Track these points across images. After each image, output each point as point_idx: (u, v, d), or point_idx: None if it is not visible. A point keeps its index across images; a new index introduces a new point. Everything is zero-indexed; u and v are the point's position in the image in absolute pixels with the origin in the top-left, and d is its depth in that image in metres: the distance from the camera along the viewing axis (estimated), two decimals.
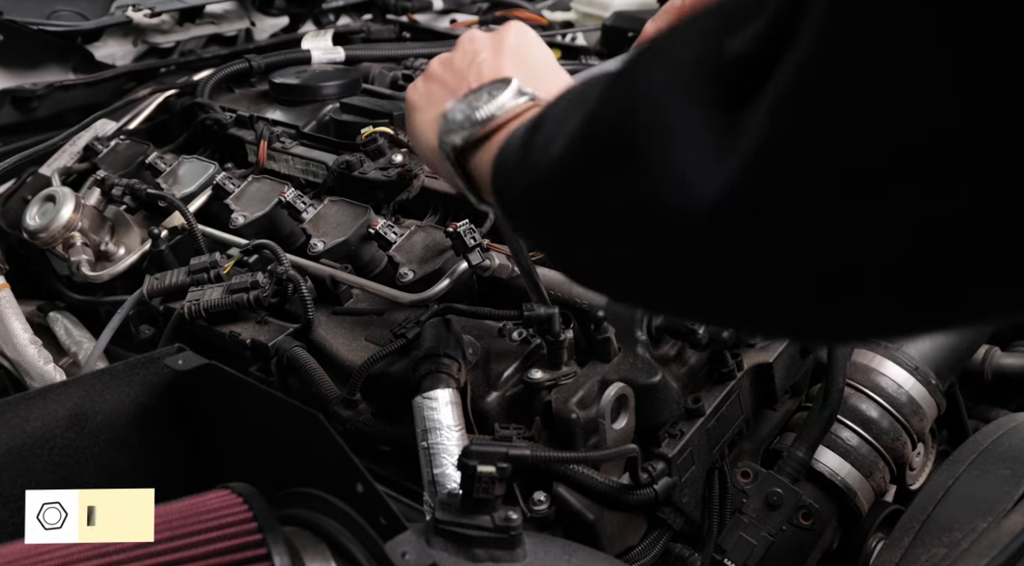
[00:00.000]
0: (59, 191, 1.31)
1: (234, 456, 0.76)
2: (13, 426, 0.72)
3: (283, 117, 1.46)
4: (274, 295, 1.08)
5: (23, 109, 1.63)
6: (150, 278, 1.15)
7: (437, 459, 0.87)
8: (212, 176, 1.33)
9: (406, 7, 2.06)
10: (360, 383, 0.97)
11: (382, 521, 0.60)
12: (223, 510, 0.61)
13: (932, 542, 0.90)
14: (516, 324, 0.97)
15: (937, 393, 1.12)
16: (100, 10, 1.78)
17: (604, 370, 0.93)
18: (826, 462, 1.05)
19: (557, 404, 0.90)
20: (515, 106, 0.70)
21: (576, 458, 0.86)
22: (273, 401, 0.70)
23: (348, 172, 1.27)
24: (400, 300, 1.06)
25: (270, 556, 0.57)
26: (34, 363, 1.23)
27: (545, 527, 0.87)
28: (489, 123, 0.70)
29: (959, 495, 0.95)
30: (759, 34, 0.43)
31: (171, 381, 0.78)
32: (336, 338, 1.05)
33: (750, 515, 1.00)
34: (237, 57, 1.67)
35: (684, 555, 0.94)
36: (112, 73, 1.72)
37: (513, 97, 0.71)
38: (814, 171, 0.40)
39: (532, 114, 0.66)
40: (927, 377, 1.11)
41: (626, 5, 2.05)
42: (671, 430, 0.93)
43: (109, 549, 0.57)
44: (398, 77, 1.59)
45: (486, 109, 0.70)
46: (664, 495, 0.89)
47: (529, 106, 0.70)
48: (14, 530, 0.71)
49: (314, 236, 1.15)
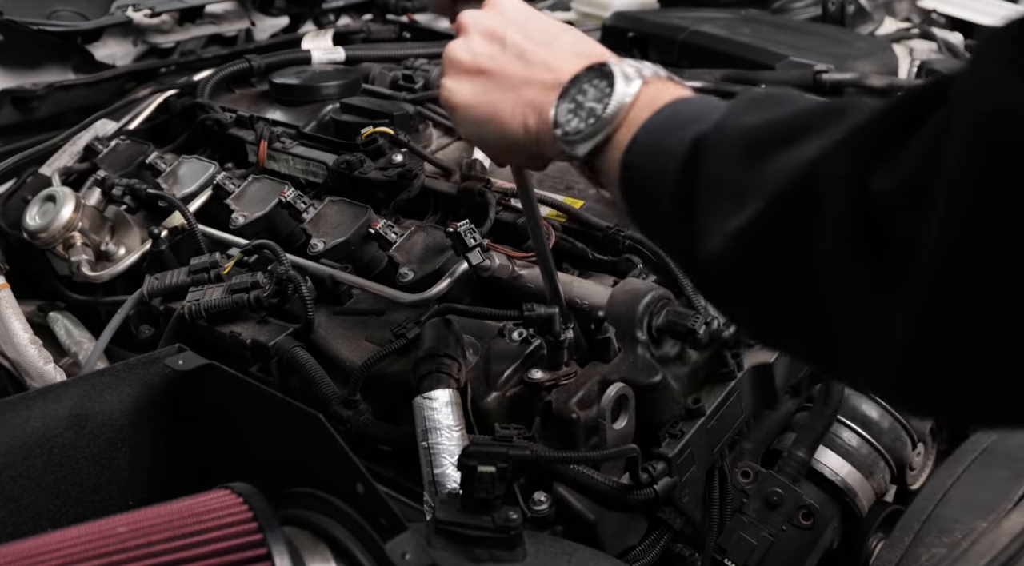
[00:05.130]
0: (59, 191, 1.31)
1: (234, 456, 0.76)
2: (13, 426, 0.72)
3: (283, 117, 1.46)
4: (274, 295, 1.08)
5: (23, 109, 1.63)
6: (150, 278, 1.15)
7: (437, 459, 0.87)
8: (212, 176, 1.33)
9: (406, 7, 2.06)
10: (360, 383, 0.97)
11: (382, 521, 0.60)
12: (223, 510, 0.60)
13: (932, 542, 0.90)
14: (516, 324, 0.97)
15: None
16: (100, 10, 1.78)
17: (604, 370, 0.93)
18: (826, 462, 1.05)
19: (557, 404, 0.90)
20: (629, 97, 0.67)
21: (576, 458, 0.85)
22: (273, 401, 0.70)
23: (348, 172, 1.27)
24: (400, 300, 1.06)
25: (270, 556, 0.57)
26: (34, 363, 1.23)
27: (545, 527, 0.87)
28: (615, 121, 0.67)
29: (959, 495, 0.95)
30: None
31: (171, 381, 0.78)
32: (336, 338, 1.05)
33: (750, 515, 1.00)
34: (237, 57, 1.68)
35: (684, 555, 0.94)
36: (112, 73, 1.72)
37: (625, 84, 0.67)
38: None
39: (647, 107, 0.65)
40: None
41: (626, 5, 2.05)
42: (671, 430, 0.93)
43: (109, 549, 0.57)
44: (398, 77, 1.59)
45: (611, 107, 0.67)
46: (664, 495, 0.89)
47: (639, 92, 0.67)
48: (14, 530, 0.71)
49: (314, 236, 1.15)
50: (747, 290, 0.57)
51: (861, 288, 0.46)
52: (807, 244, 0.49)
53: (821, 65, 1.57)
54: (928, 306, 0.43)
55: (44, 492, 0.73)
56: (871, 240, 0.46)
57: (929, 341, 0.43)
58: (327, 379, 1.00)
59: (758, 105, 0.60)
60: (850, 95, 1.57)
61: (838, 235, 0.47)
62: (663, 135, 0.64)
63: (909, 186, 0.44)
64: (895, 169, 0.45)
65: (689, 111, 0.65)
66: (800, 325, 0.54)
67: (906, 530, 0.93)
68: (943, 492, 0.95)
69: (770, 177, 0.53)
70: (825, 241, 0.48)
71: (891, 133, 0.47)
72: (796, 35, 1.78)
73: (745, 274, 0.55)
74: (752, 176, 0.55)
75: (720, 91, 1.53)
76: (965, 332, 0.42)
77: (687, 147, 0.60)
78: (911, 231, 0.43)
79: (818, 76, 1.55)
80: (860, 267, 0.46)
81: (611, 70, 0.69)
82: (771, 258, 0.53)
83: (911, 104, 0.47)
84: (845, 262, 0.47)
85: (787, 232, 0.51)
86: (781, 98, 0.60)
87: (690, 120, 0.63)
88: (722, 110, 0.62)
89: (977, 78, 0.42)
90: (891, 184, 0.45)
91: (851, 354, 0.50)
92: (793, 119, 0.56)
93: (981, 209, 0.39)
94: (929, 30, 2.02)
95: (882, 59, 1.72)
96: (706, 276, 0.62)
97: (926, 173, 0.43)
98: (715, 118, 0.61)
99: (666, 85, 0.69)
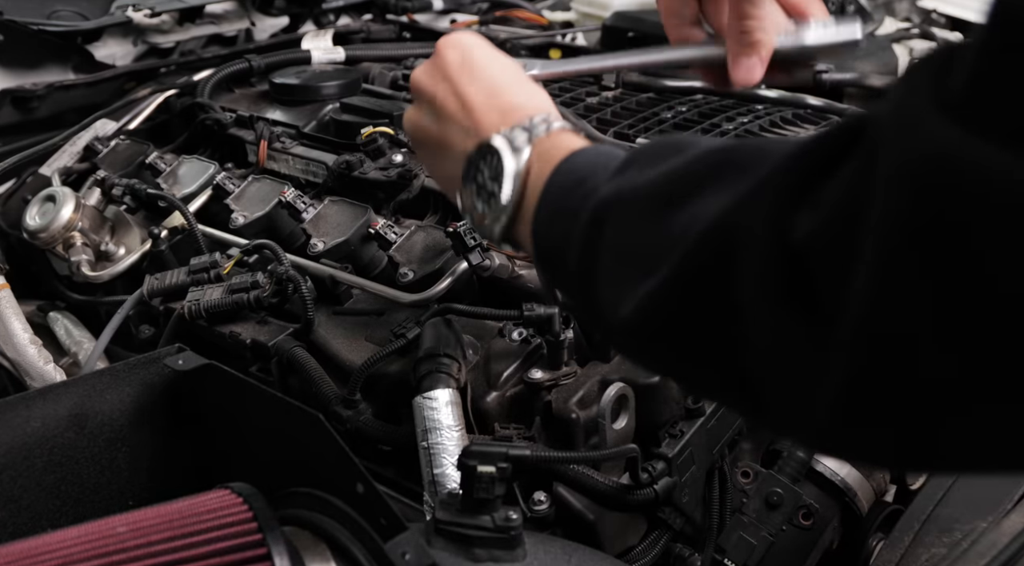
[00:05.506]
0: (59, 191, 1.31)
1: (234, 456, 0.76)
2: (13, 426, 0.72)
3: (283, 117, 1.46)
4: (274, 295, 1.08)
5: (23, 109, 1.63)
6: (150, 278, 1.15)
7: (437, 459, 0.87)
8: (212, 176, 1.33)
9: (406, 7, 2.06)
10: (360, 383, 0.97)
11: (382, 521, 0.60)
12: (223, 510, 0.60)
13: (932, 542, 0.90)
14: (516, 324, 0.97)
15: None
16: (100, 10, 1.78)
17: (604, 370, 0.93)
18: (826, 462, 1.05)
19: (557, 404, 0.90)
20: (521, 169, 0.67)
21: (576, 458, 0.85)
22: (273, 401, 0.70)
23: (348, 172, 1.27)
24: (400, 300, 1.06)
25: (270, 556, 0.57)
26: (34, 363, 1.23)
27: (545, 527, 0.87)
28: (514, 195, 0.67)
29: (959, 495, 0.95)
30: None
31: (171, 381, 0.78)
32: (336, 338, 1.05)
33: (750, 515, 1.00)
34: (237, 57, 1.67)
35: (684, 555, 0.94)
36: (112, 73, 1.72)
37: (513, 158, 0.67)
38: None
39: (543, 170, 0.65)
40: None
41: (626, 5, 2.05)
42: (671, 430, 0.93)
43: (109, 549, 0.57)
44: (398, 77, 1.59)
45: (506, 184, 0.67)
46: (664, 495, 0.89)
47: (529, 160, 0.67)
48: (14, 530, 0.71)
49: (314, 236, 1.15)
50: (667, 350, 0.55)
51: (788, 337, 0.44)
52: (727, 296, 0.47)
53: (821, 65, 1.57)
54: (860, 353, 0.40)
55: (44, 492, 0.73)
56: (795, 287, 0.43)
57: (863, 388, 0.41)
58: (327, 379, 1.00)
59: (654, 156, 0.59)
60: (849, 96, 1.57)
61: (759, 283, 0.45)
62: (561, 198, 0.63)
63: (832, 229, 0.42)
64: (815, 212, 0.43)
65: (584, 166, 0.64)
66: (726, 378, 0.51)
67: (906, 530, 0.93)
68: (943, 492, 0.96)
69: (678, 233, 0.51)
70: (747, 291, 0.46)
71: (809, 175, 0.45)
72: None
73: (663, 335, 0.54)
74: (658, 236, 0.53)
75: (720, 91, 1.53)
76: (901, 376, 0.40)
77: (588, 215, 0.59)
78: (836, 275, 0.41)
79: (818, 76, 1.55)
80: (785, 315, 0.44)
81: (496, 146, 0.68)
82: (690, 316, 0.51)
83: (828, 144, 0.45)
84: (769, 312, 0.45)
85: (704, 287, 0.49)
86: (678, 145, 0.58)
87: (586, 175, 0.62)
88: (618, 163, 0.61)
89: (901, 116, 0.40)
90: (812, 227, 0.43)
91: (781, 405, 0.47)
92: (690, 170, 0.54)
93: (916, 254, 0.38)
94: (929, 30, 2.02)
95: (882, 59, 1.72)
96: (622, 339, 0.60)
97: (850, 216, 0.41)
98: (611, 175, 0.59)
99: (558, 138, 0.68)
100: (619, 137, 1.33)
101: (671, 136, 0.90)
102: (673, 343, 0.54)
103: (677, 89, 1.55)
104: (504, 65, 0.79)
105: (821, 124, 1.40)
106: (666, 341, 0.54)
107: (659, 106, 1.45)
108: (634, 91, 1.54)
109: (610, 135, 1.34)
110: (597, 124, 1.38)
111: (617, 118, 1.40)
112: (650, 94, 1.53)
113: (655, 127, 1.35)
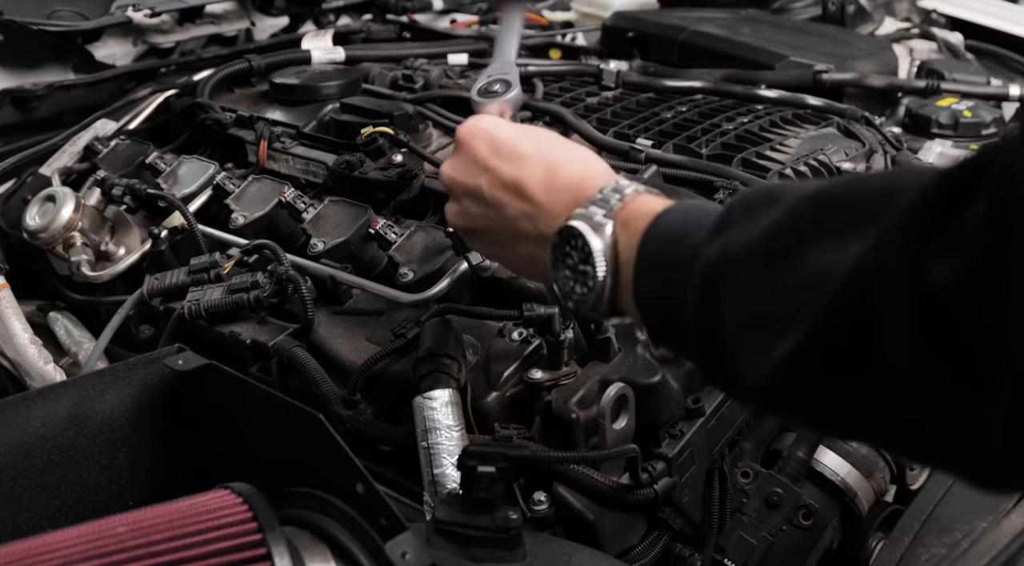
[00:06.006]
0: (59, 191, 1.31)
1: (234, 456, 0.76)
2: (13, 426, 0.72)
3: (283, 117, 1.46)
4: (274, 295, 1.08)
5: (23, 109, 1.63)
6: (150, 278, 1.15)
7: (437, 459, 0.87)
8: (212, 176, 1.33)
9: (406, 7, 2.06)
10: (360, 383, 0.97)
11: (382, 521, 0.60)
12: (223, 510, 0.60)
13: (932, 542, 0.90)
14: (516, 324, 0.97)
15: None
16: (100, 10, 1.78)
17: (604, 370, 0.93)
18: (826, 462, 1.05)
19: (557, 404, 0.90)
20: (607, 246, 0.68)
21: (576, 458, 0.85)
22: (273, 401, 0.70)
23: (348, 172, 1.27)
24: (400, 300, 1.06)
25: (270, 556, 0.57)
26: (34, 363, 1.23)
27: (545, 527, 0.87)
28: (608, 272, 0.68)
29: (959, 495, 0.95)
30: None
31: (171, 381, 0.78)
32: (336, 338, 1.05)
33: (750, 515, 1.00)
34: (237, 57, 1.67)
35: (684, 555, 0.94)
36: (112, 73, 1.72)
37: (597, 237, 0.68)
38: None
39: (631, 240, 0.65)
40: None
41: (626, 5, 2.05)
42: (671, 430, 0.93)
43: (109, 549, 0.57)
44: (398, 77, 1.59)
45: (599, 263, 0.67)
46: (664, 495, 0.89)
47: (613, 232, 0.68)
48: (14, 530, 0.71)
49: (314, 236, 1.15)
50: (808, 407, 0.55)
51: (939, 389, 0.43)
52: (871, 349, 0.46)
53: (821, 65, 1.57)
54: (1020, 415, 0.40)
55: (44, 492, 0.73)
56: (941, 335, 0.42)
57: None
58: (327, 379, 1.00)
59: (750, 210, 0.58)
60: (849, 96, 1.57)
61: (904, 335, 0.44)
62: (660, 265, 0.64)
63: (975, 272, 0.41)
64: (955, 255, 0.42)
65: (675, 227, 0.64)
66: (879, 429, 0.51)
67: (906, 530, 0.93)
68: (943, 492, 0.96)
69: (806, 288, 0.50)
70: (889, 344, 0.45)
71: (940, 217, 0.43)
72: (796, 35, 1.78)
73: (809, 393, 0.53)
74: (783, 294, 0.52)
75: (720, 91, 1.53)
76: None
77: (698, 280, 0.59)
78: (985, 320, 0.40)
79: (818, 76, 1.55)
80: (933, 367, 0.43)
81: (577, 229, 0.69)
82: (834, 373, 0.50)
83: (954, 183, 0.44)
84: (916, 365, 0.44)
85: (846, 343, 0.48)
86: (771, 195, 0.58)
87: (679, 237, 0.62)
88: (711, 222, 0.60)
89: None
90: (953, 272, 0.42)
91: (946, 452, 0.47)
92: (796, 220, 0.54)
93: None
94: (929, 30, 2.02)
95: (882, 59, 1.72)
96: (758, 401, 0.61)
97: (993, 256, 0.40)
98: (709, 235, 0.59)
99: (634, 204, 0.69)
100: (619, 137, 1.33)
101: (760, 186, 0.89)
102: (820, 400, 0.53)
103: (677, 89, 1.55)
104: (534, 137, 0.80)
105: (821, 124, 1.40)
106: (812, 398, 0.53)
107: (659, 106, 1.45)
108: (634, 91, 1.55)
109: (610, 135, 1.34)
110: (597, 124, 1.38)
111: (617, 118, 1.41)
112: (650, 94, 1.53)
113: (655, 127, 1.35)
